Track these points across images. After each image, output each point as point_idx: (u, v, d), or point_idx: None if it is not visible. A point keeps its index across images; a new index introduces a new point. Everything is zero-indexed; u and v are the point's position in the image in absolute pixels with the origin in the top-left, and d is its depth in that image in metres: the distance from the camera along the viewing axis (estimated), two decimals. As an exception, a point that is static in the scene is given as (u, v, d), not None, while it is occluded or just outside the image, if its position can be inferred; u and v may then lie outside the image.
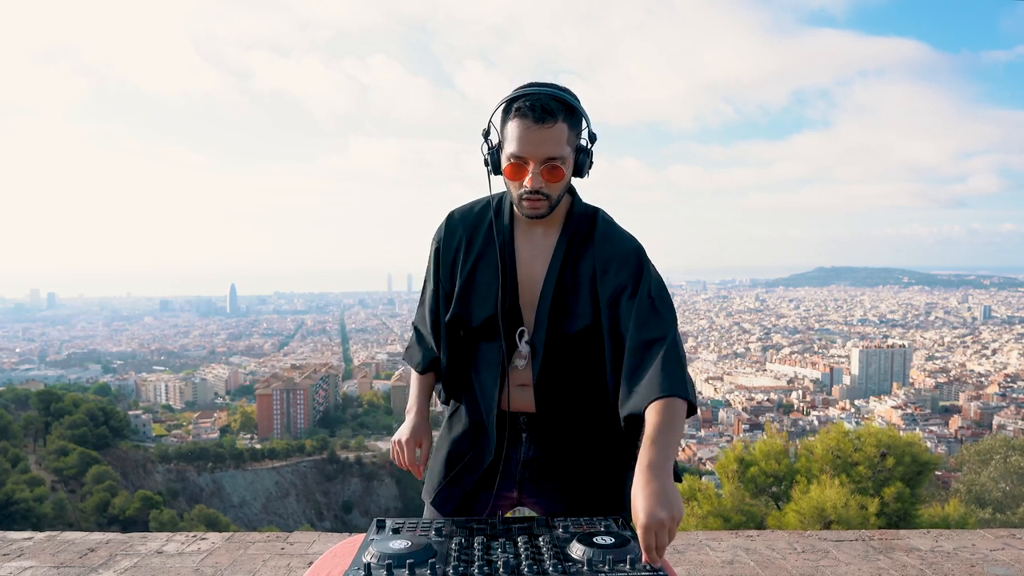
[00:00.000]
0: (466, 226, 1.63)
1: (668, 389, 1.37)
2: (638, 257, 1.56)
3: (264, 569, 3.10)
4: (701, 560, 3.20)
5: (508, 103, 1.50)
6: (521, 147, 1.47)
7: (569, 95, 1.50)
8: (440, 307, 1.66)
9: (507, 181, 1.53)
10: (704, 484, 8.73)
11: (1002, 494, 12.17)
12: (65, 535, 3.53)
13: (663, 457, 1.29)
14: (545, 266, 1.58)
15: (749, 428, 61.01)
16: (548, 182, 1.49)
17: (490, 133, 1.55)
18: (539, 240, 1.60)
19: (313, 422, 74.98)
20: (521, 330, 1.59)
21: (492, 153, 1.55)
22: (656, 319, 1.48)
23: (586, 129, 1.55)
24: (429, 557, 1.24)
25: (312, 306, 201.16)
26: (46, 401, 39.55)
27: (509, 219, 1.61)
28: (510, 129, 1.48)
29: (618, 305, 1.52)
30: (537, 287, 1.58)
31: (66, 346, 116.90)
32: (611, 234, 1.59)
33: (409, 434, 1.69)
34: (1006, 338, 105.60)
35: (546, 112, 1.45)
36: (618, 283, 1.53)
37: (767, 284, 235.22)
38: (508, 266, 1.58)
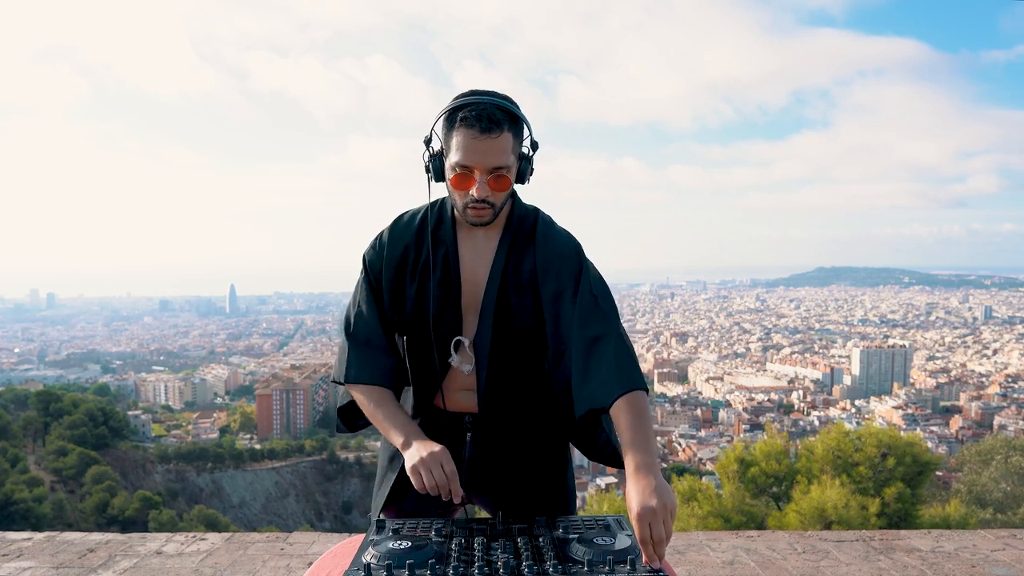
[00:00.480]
0: (412, 231, 1.63)
1: (631, 383, 1.45)
2: (578, 257, 1.60)
3: (264, 569, 3.10)
4: (701, 560, 3.19)
5: (452, 112, 1.50)
6: (467, 157, 1.47)
7: (512, 104, 1.51)
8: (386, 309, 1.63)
9: (452, 190, 1.54)
10: (704, 484, 8.73)
11: (1003, 494, 12.17)
12: (64, 535, 3.52)
13: (648, 454, 1.36)
14: (487, 269, 1.59)
15: (749, 428, 60.97)
16: (494, 191, 1.50)
17: (431, 140, 1.55)
18: (481, 244, 1.61)
19: (313, 422, 74.98)
20: (457, 339, 1.60)
21: (434, 160, 1.55)
22: (600, 315, 1.54)
23: (528, 137, 1.56)
24: (429, 557, 1.24)
25: (312, 306, 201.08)
26: (45, 401, 39.57)
27: (452, 224, 1.61)
28: (456, 139, 1.48)
29: (560, 304, 1.56)
30: (480, 290, 1.60)
31: (65, 346, 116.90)
32: (551, 235, 1.62)
33: (434, 447, 1.47)
34: (1007, 338, 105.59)
35: (492, 122, 1.46)
36: (559, 283, 1.57)
37: (767, 284, 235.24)
38: (453, 271, 1.59)
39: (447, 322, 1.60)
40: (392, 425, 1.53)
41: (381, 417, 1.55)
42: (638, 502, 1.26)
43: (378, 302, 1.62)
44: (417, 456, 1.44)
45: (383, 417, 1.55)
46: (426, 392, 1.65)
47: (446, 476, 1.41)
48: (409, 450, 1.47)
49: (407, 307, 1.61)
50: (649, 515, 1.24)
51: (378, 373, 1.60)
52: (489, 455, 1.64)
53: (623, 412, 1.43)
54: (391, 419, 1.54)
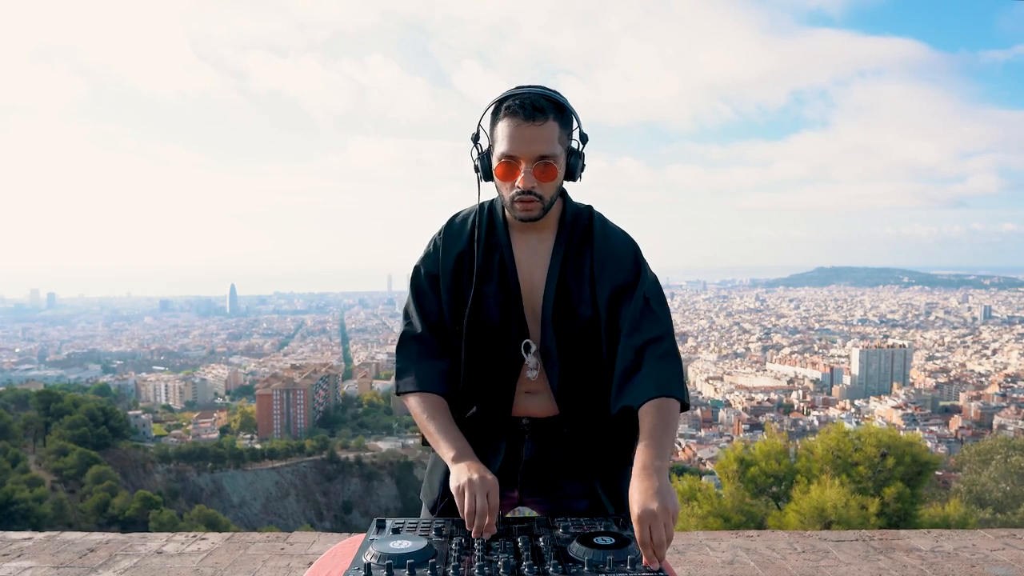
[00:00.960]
0: (464, 235, 1.60)
1: (663, 389, 1.43)
2: (635, 257, 1.58)
3: (264, 569, 3.10)
4: (701, 560, 3.20)
5: (497, 104, 1.48)
6: (512, 145, 1.45)
7: (559, 95, 1.49)
8: (446, 316, 1.60)
9: (499, 183, 1.51)
10: (704, 484, 8.73)
11: (1002, 494, 12.17)
12: (65, 535, 3.52)
13: (659, 458, 1.33)
14: (544, 272, 1.57)
15: (749, 428, 61.00)
16: (540, 181, 1.47)
17: (479, 137, 1.53)
18: (536, 246, 1.58)
19: (313, 422, 74.97)
20: (527, 342, 1.58)
21: (482, 158, 1.53)
22: (652, 319, 1.52)
23: (577, 130, 1.53)
24: (429, 557, 1.24)
25: (312, 306, 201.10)
26: (46, 401, 39.56)
27: (504, 226, 1.59)
28: (500, 129, 1.47)
29: (617, 304, 1.54)
30: (538, 294, 1.57)
31: (66, 346, 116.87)
32: (609, 234, 1.59)
33: (486, 474, 1.39)
34: (1006, 338, 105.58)
35: (536, 110, 1.44)
36: (616, 282, 1.54)
37: (767, 284, 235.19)
38: (510, 276, 1.57)
39: (510, 328, 1.57)
40: (443, 438, 1.48)
41: (433, 429, 1.51)
42: (639, 504, 1.25)
43: (434, 308, 1.60)
44: (466, 477, 1.37)
45: (435, 429, 1.50)
46: (492, 398, 1.61)
47: (488, 506, 1.35)
48: (459, 467, 1.41)
49: (466, 314, 1.58)
50: (649, 518, 1.23)
51: (431, 379, 1.56)
52: (545, 457, 1.62)
53: (649, 415, 1.42)
54: (443, 432, 1.50)
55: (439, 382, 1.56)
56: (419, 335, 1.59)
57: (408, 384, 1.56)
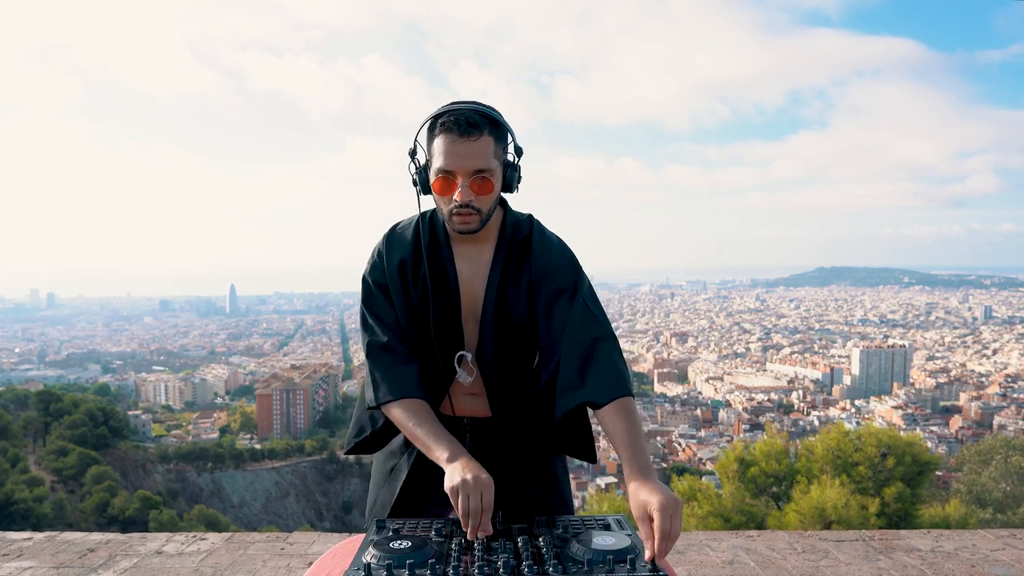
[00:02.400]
0: (406, 244, 1.63)
1: (626, 389, 1.51)
2: (572, 265, 1.64)
3: (264, 569, 3.10)
4: (701, 560, 3.19)
5: (433, 120, 1.51)
6: (448, 161, 1.48)
7: (493, 110, 1.53)
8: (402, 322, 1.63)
9: (437, 198, 1.54)
10: (704, 484, 8.74)
11: (1003, 494, 12.17)
12: (65, 535, 3.52)
13: (647, 460, 1.41)
14: (484, 282, 1.62)
15: (749, 428, 60.98)
16: (477, 195, 1.50)
17: (416, 152, 1.56)
18: (476, 257, 1.63)
19: (313, 422, 74.98)
20: (460, 354, 1.63)
21: (420, 172, 1.55)
22: (595, 321, 1.58)
23: (512, 143, 1.57)
24: (429, 557, 1.24)
25: (312, 306, 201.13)
26: (46, 401, 39.56)
27: (445, 237, 1.63)
28: (436, 145, 1.50)
29: (555, 308, 1.60)
30: (478, 302, 1.62)
31: (66, 346, 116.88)
32: (546, 244, 1.65)
33: (480, 474, 1.39)
34: (1007, 338, 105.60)
35: (471, 125, 1.47)
36: (556, 288, 1.60)
37: (767, 284, 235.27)
38: (452, 285, 1.61)
39: (449, 335, 1.62)
40: (435, 441, 1.48)
41: (422, 434, 1.50)
42: (660, 493, 1.29)
43: (391, 316, 1.63)
44: (460, 478, 1.37)
45: (424, 434, 1.50)
46: (434, 401, 1.66)
47: (482, 507, 1.35)
48: (453, 467, 1.41)
49: (408, 320, 1.63)
50: (673, 507, 1.26)
51: (407, 385, 1.57)
52: (489, 456, 1.66)
53: (620, 416, 1.47)
54: (433, 435, 1.49)
55: (416, 387, 1.58)
56: (385, 343, 1.61)
57: (386, 394, 1.56)
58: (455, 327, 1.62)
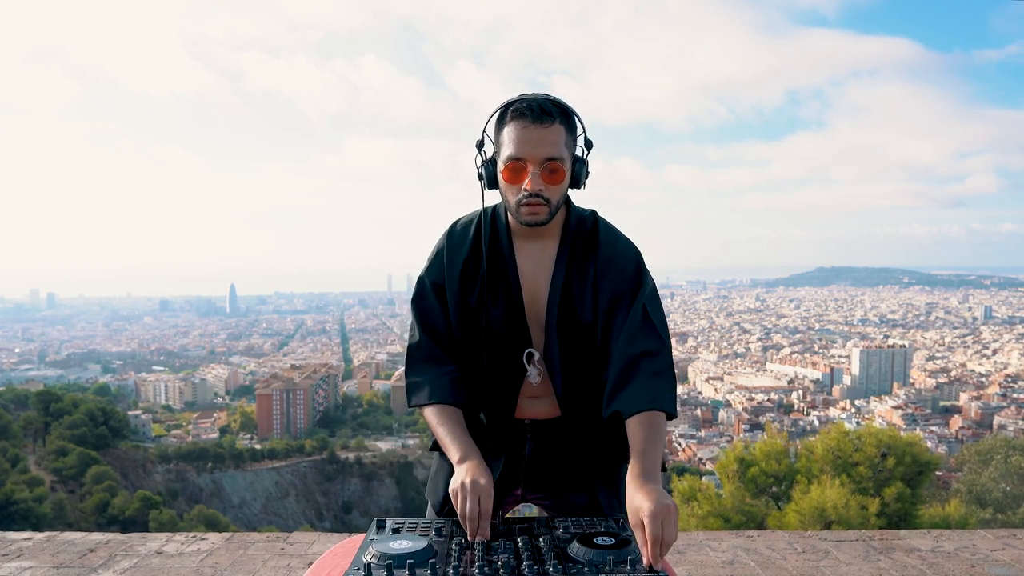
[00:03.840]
0: (468, 242, 1.60)
1: (654, 402, 1.46)
2: (638, 265, 1.59)
3: (264, 569, 3.10)
4: (701, 560, 3.19)
5: (503, 109, 1.49)
6: (519, 148, 1.45)
7: (564, 102, 1.50)
8: (453, 325, 1.60)
9: (505, 187, 1.51)
10: (704, 484, 8.74)
11: (1003, 494, 12.17)
12: (64, 535, 3.52)
13: (653, 467, 1.38)
14: (547, 280, 1.58)
15: (749, 428, 60.96)
16: (548, 184, 1.47)
17: (484, 143, 1.53)
18: (539, 253, 1.59)
19: (313, 422, 74.98)
20: (529, 351, 1.60)
21: (487, 165, 1.53)
22: (650, 330, 1.53)
23: (582, 136, 1.53)
24: (429, 557, 1.24)
25: (312, 306, 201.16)
26: (45, 401, 39.55)
27: (507, 233, 1.59)
28: (507, 132, 1.47)
29: (614, 313, 1.55)
30: (542, 302, 1.58)
31: (66, 346, 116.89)
32: (612, 240, 1.60)
33: (479, 478, 1.39)
34: (1007, 338, 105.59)
35: (544, 112, 1.45)
36: (615, 290, 1.55)
37: (767, 284, 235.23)
38: (514, 284, 1.58)
39: (513, 336, 1.59)
40: (451, 441, 1.50)
41: (443, 433, 1.53)
42: (650, 501, 1.27)
43: (439, 317, 1.60)
44: (460, 481, 1.39)
45: (444, 434, 1.52)
46: (496, 403, 1.64)
47: (479, 511, 1.36)
48: (460, 469, 1.43)
49: (470, 321, 1.60)
50: (662, 512, 1.25)
51: (437, 390, 1.57)
52: (553, 458, 1.66)
53: (641, 425, 1.45)
54: (451, 435, 1.51)
55: (450, 391, 1.56)
56: (422, 345, 1.60)
57: (421, 398, 1.57)
58: (519, 327, 1.59)
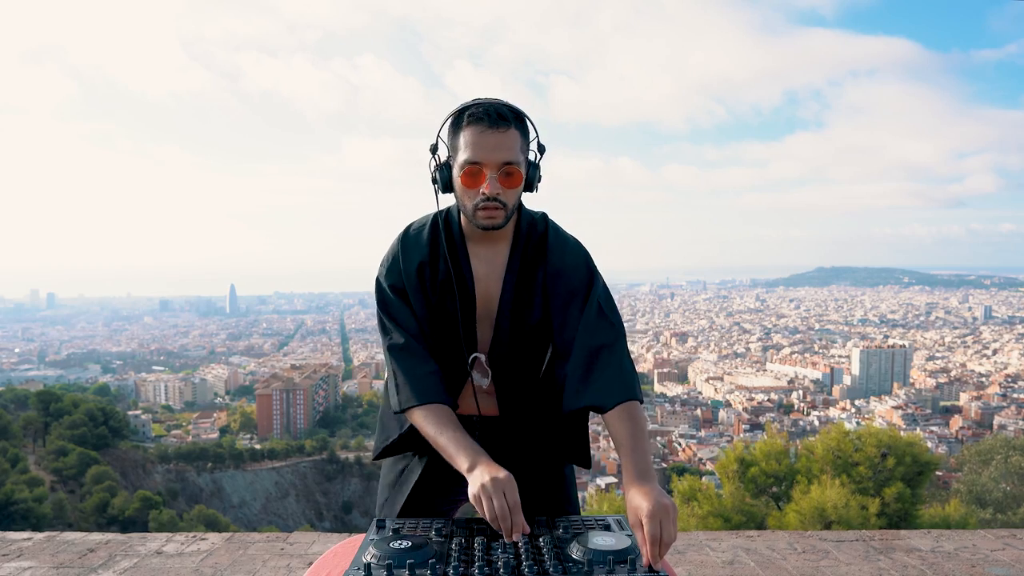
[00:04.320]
0: (423, 246, 1.60)
1: (633, 393, 1.49)
2: (587, 265, 1.61)
3: (264, 569, 3.10)
4: (701, 560, 3.19)
5: (458, 113, 1.49)
6: (476, 152, 1.45)
7: (517, 107, 1.51)
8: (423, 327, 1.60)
9: (462, 192, 1.51)
10: (704, 484, 8.74)
11: (1003, 494, 12.17)
12: (64, 535, 3.52)
13: (647, 464, 1.39)
14: (499, 283, 1.60)
15: (749, 428, 61.01)
16: (505, 188, 1.48)
17: (438, 148, 1.53)
18: (491, 257, 1.60)
19: (313, 422, 74.98)
20: (475, 356, 1.63)
21: (440, 169, 1.53)
22: (606, 323, 1.56)
23: (535, 140, 1.54)
24: (429, 557, 1.24)
25: (312, 306, 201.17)
26: (45, 401, 39.52)
27: (460, 238, 1.60)
28: (463, 137, 1.47)
29: (569, 310, 1.57)
30: (492, 303, 1.61)
31: (66, 346, 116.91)
32: (562, 243, 1.63)
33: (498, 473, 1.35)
34: (1007, 338, 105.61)
35: (500, 117, 1.45)
36: (570, 290, 1.58)
37: (767, 284, 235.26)
38: (469, 287, 1.59)
39: (464, 338, 1.61)
40: (456, 449, 1.44)
41: (444, 442, 1.46)
42: (649, 501, 1.28)
43: (410, 318, 1.59)
44: (479, 483, 1.33)
45: (446, 441, 1.46)
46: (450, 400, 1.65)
47: (508, 506, 1.30)
48: (473, 475, 1.38)
49: (426, 322, 1.60)
50: (661, 513, 1.25)
51: (430, 389, 1.53)
52: (498, 455, 1.65)
53: (624, 420, 1.46)
54: (455, 443, 1.45)
55: (438, 390, 1.54)
56: (405, 345, 1.57)
57: (409, 399, 1.53)
58: (471, 328, 1.61)
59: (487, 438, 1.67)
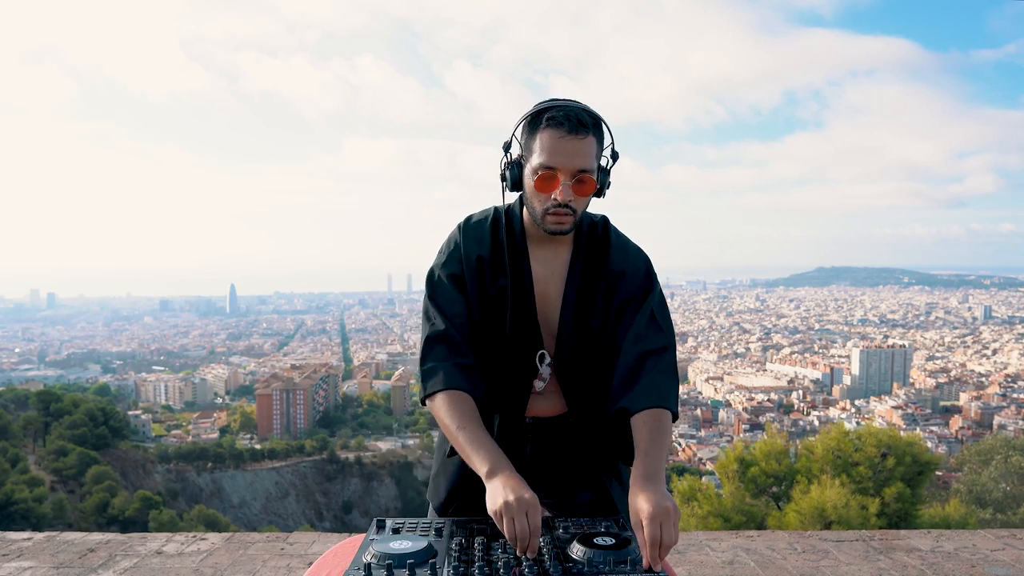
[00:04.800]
0: (484, 240, 1.59)
1: (661, 401, 1.48)
2: (647, 271, 1.62)
3: (264, 569, 3.10)
4: (701, 560, 3.19)
5: (536, 115, 1.48)
6: (553, 158, 1.44)
7: (597, 112, 1.50)
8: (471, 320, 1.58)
9: (532, 195, 1.51)
10: (704, 484, 8.75)
11: (1003, 494, 12.17)
12: (64, 535, 3.52)
13: (656, 468, 1.38)
14: (560, 284, 1.59)
15: (749, 428, 61.02)
16: (577, 195, 1.47)
17: (511, 146, 1.53)
18: (552, 258, 1.60)
19: (313, 422, 74.97)
20: (541, 353, 1.61)
21: (512, 167, 1.52)
22: (656, 330, 1.56)
23: (610, 147, 1.54)
24: (429, 557, 1.24)
25: (312, 306, 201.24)
26: (46, 401, 39.54)
27: (522, 237, 1.59)
28: (540, 140, 1.46)
29: (623, 315, 1.57)
30: (553, 305, 1.60)
31: (66, 346, 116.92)
32: (623, 247, 1.63)
33: (523, 493, 1.29)
34: (1006, 338, 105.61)
35: (580, 123, 1.44)
36: (626, 294, 1.58)
37: (767, 284, 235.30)
38: (528, 286, 1.58)
39: (524, 337, 1.59)
40: (475, 449, 1.40)
41: (464, 439, 1.42)
42: (650, 503, 1.27)
43: (460, 308, 1.57)
44: (503, 499, 1.28)
45: (466, 440, 1.42)
46: (504, 402, 1.63)
47: (529, 529, 1.25)
48: (495, 485, 1.33)
49: (484, 319, 1.59)
50: (662, 515, 1.25)
51: (458, 377, 1.50)
52: (551, 454, 1.66)
53: (648, 425, 1.45)
54: (475, 442, 1.41)
55: (467, 380, 1.51)
56: (444, 333, 1.54)
57: (436, 384, 1.49)
58: (532, 327, 1.59)
59: (541, 440, 1.65)
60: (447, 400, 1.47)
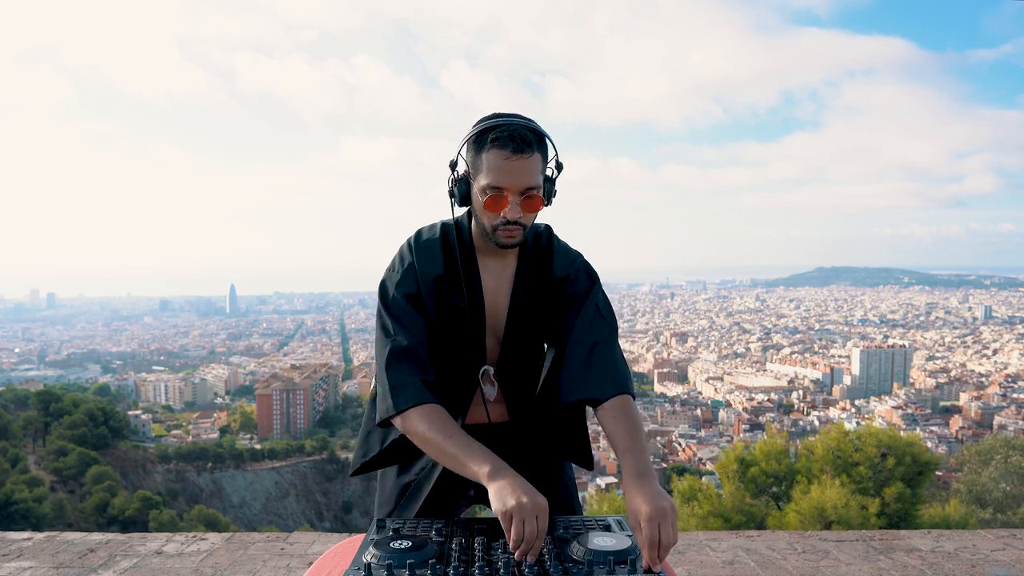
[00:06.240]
0: (437, 257, 1.60)
1: (626, 388, 1.53)
2: (588, 274, 1.67)
3: (264, 569, 3.10)
4: (701, 560, 3.19)
5: (480, 134, 1.48)
6: (500, 178, 1.45)
7: (539, 126, 1.51)
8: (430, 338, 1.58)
9: (482, 212, 1.51)
10: (704, 484, 8.74)
11: (1003, 494, 12.17)
12: (64, 535, 3.52)
13: (645, 463, 1.39)
14: (507, 295, 1.63)
15: (749, 428, 61.05)
16: (526, 212, 1.50)
17: (457, 164, 1.53)
18: (499, 270, 1.63)
19: (313, 422, 74.99)
20: (485, 369, 1.65)
21: (459, 183, 1.53)
22: (602, 322, 1.62)
23: (554, 158, 1.55)
24: (429, 557, 1.24)
25: (312, 306, 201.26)
26: (45, 401, 39.54)
27: (471, 250, 1.62)
28: (487, 159, 1.46)
29: (568, 315, 1.62)
30: (500, 314, 1.64)
31: (66, 346, 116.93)
32: (564, 254, 1.68)
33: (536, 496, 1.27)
34: (1007, 338, 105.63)
35: (524, 143, 1.45)
36: (570, 295, 1.64)
37: (767, 284, 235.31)
38: (479, 299, 1.61)
39: (473, 349, 1.63)
40: (470, 455, 1.37)
41: (456, 448, 1.38)
42: (648, 504, 1.27)
43: (420, 325, 1.56)
44: (514, 501, 1.25)
45: (458, 448, 1.38)
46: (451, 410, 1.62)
47: (537, 532, 1.24)
48: (501, 487, 1.29)
49: (434, 335, 1.60)
50: (660, 516, 1.25)
51: (429, 392, 1.48)
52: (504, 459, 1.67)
53: (619, 418, 1.48)
54: (468, 448, 1.38)
55: (437, 397, 1.50)
56: (408, 348, 1.53)
57: (408, 399, 1.46)
58: (480, 339, 1.63)
59: (495, 445, 1.65)
60: (426, 414, 1.45)
